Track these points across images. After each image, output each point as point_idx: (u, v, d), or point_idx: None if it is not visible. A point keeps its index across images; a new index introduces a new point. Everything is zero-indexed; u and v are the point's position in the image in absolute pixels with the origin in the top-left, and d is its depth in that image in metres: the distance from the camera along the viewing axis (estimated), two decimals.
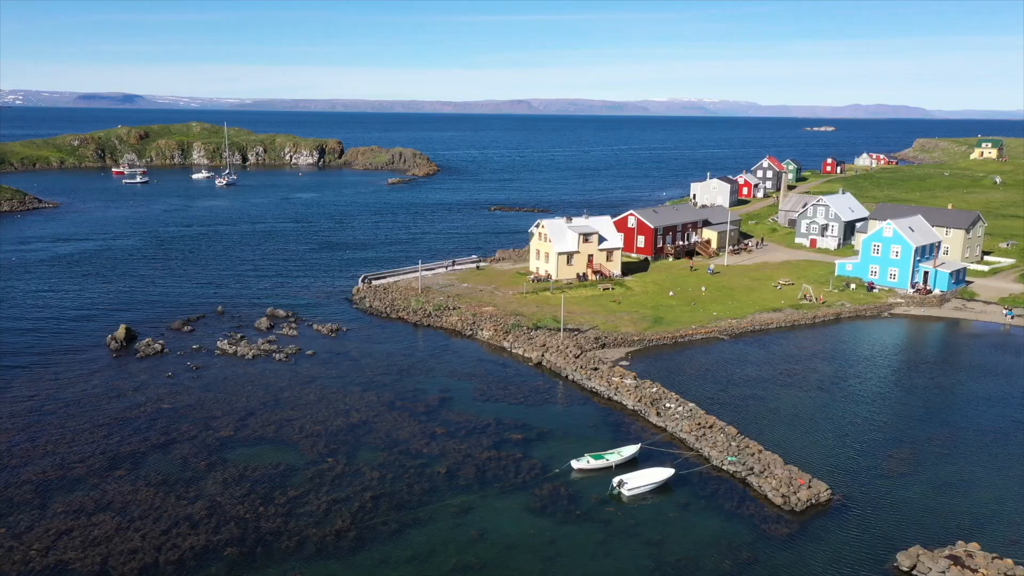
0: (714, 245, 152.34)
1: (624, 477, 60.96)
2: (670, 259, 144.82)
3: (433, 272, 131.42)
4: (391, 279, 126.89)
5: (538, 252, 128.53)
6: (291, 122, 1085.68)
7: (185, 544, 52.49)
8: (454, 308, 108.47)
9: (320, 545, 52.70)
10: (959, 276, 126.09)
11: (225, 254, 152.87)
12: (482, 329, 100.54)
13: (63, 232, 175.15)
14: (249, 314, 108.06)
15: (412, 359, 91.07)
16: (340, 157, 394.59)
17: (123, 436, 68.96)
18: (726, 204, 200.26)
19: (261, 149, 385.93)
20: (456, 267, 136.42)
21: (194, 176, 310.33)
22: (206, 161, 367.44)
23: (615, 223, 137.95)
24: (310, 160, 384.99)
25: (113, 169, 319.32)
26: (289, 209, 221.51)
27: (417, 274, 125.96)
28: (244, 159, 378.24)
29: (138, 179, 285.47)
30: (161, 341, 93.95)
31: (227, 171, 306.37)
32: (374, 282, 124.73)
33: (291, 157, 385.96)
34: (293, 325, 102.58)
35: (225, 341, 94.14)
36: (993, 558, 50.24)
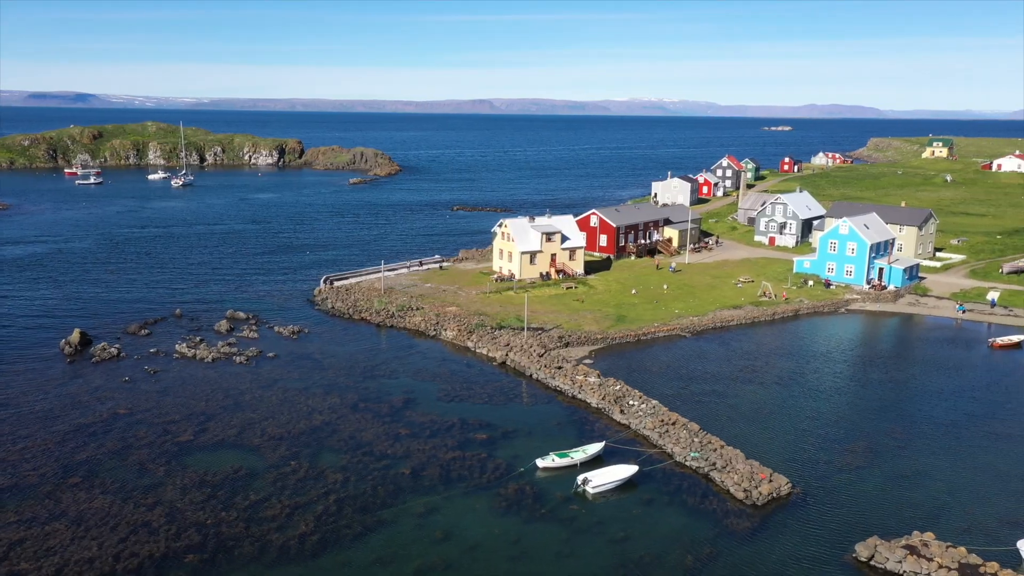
0: (675, 243, 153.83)
1: (588, 475, 61.25)
2: (632, 257, 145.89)
3: (396, 272, 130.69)
4: (353, 280, 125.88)
5: (501, 252, 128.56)
6: (250, 122, 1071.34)
7: (144, 552, 51.45)
8: (417, 308, 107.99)
9: (283, 550, 52.05)
10: (912, 272, 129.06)
11: (182, 256, 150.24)
12: (446, 329, 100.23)
13: (13, 235, 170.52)
14: (208, 317, 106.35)
15: (375, 360, 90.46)
16: (300, 157, 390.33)
17: (78, 443, 67.37)
18: (687, 203, 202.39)
19: (219, 149, 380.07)
20: (417, 267, 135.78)
21: (150, 177, 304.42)
22: (162, 161, 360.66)
23: (578, 222, 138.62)
24: (270, 160, 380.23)
25: (66, 170, 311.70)
26: (248, 210, 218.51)
27: (380, 274, 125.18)
28: (202, 159, 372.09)
29: (92, 180, 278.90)
30: (117, 345, 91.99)
31: (183, 171, 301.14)
32: (336, 283, 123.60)
33: (250, 157, 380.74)
34: (254, 327, 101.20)
35: (184, 344, 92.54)
36: (947, 547, 51.49)
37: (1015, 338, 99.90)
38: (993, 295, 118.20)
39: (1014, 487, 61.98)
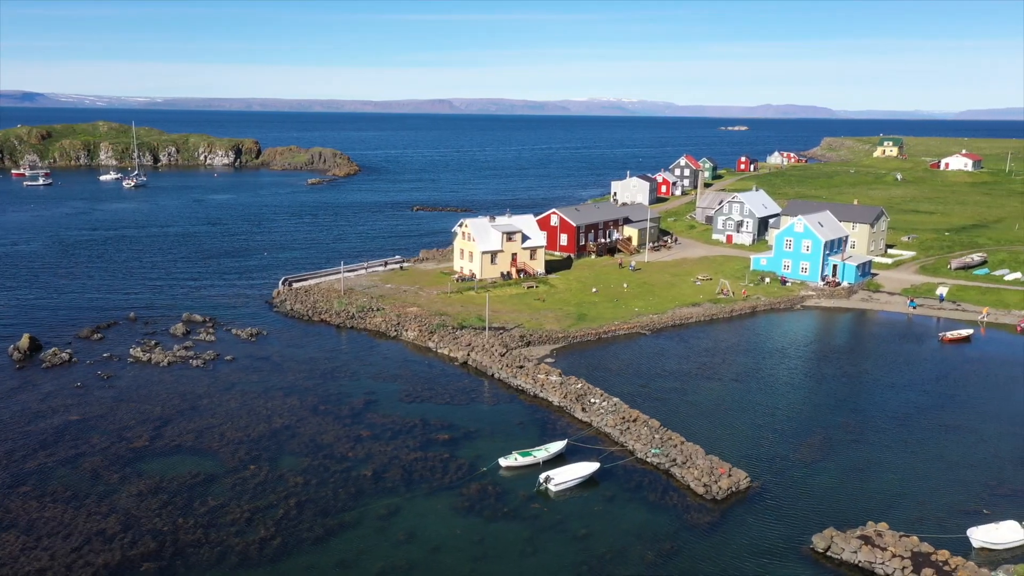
0: (635, 242, 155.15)
1: (551, 473, 61.49)
2: (592, 256, 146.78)
3: (356, 273, 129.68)
4: (313, 281, 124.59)
5: (462, 252, 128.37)
6: (205, 121, 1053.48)
7: (98, 561, 50.31)
8: (378, 309, 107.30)
9: (243, 555, 51.33)
10: (865, 269, 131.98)
11: (136, 259, 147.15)
12: (407, 330, 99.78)
13: None
14: (163, 320, 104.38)
15: (335, 362, 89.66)
16: (257, 157, 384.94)
17: (28, 450, 65.59)
18: (646, 202, 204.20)
19: (173, 149, 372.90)
20: (380, 268, 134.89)
21: (102, 178, 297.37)
22: (114, 162, 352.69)
23: (538, 221, 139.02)
24: (226, 160, 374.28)
25: (13, 171, 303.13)
26: (203, 211, 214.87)
27: (339, 275, 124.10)
28: (156, 160, 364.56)
29: (40, 181, 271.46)
30: (69, 350, 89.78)
31: (136, 172, 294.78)
32: (295, 284, 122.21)
33: (205, 158, 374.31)
34: (211, 330, 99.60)
35: (138, 348, 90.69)
36: (901, 536, 52.79)
37: (964, 332, 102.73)
38: (942, 290, 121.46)
39: (963, 477, 63.77)
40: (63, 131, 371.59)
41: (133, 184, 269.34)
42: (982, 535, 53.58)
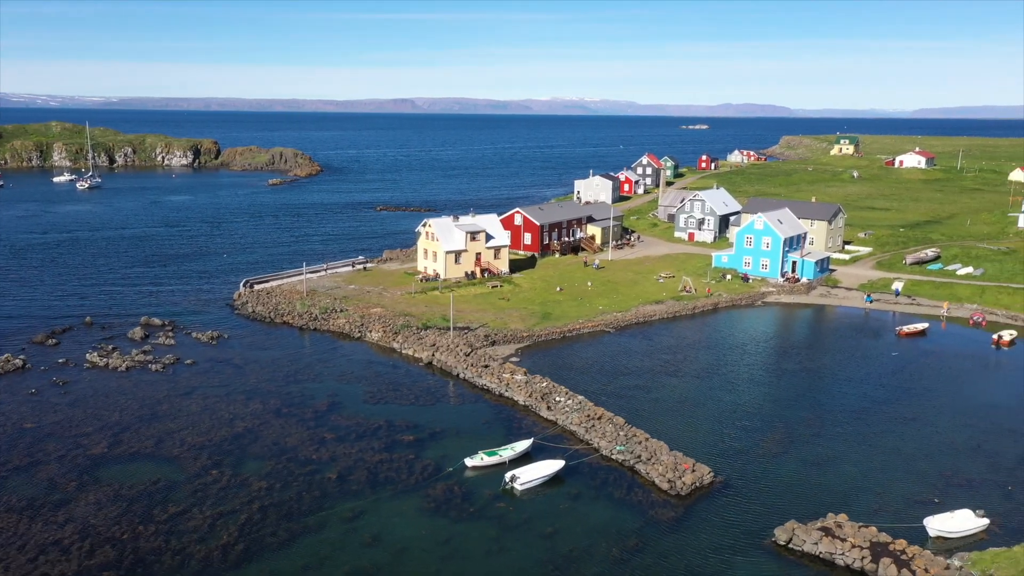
0: (598, 241, 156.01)
1: (516, 472, 61.57)
2: (556, 255, 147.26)
3: (319, 274, 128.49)
4: (274, 283, 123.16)
5: (426, 251, 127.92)
6: (163, 121, 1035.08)
7: (55, 572, 49.17)
8: (341, 310, 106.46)
9: (206, 561, 50.56)
10: (823, 265, 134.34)
11: (91, 262, 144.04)
12: (371, 331, 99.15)
13: None
14: (121, 324, 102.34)
15: (299, 364, 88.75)
16: (217, 158, 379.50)
17: None
18: (609, 200, 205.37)
19: (130, 150, 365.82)
20: (338, 269, 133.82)
21: (55, 179, 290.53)
22: (68, 163, 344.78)
23: (502, 221, 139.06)
24: (184, 161, 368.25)
25: None
26: (161, 212, 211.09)
27: (302, 277, 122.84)
28: (111, 161, 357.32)
29: None
30: (22, 356, 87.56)
31: (90, 173, 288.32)
32: (256, 286, 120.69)
33: (163, 158, 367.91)
34: (170, 334, 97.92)
35: (95, 353, 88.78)
36: (860, 527, 53.87)
37: (919, 326, 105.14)
38: (897, 285, 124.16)
39: (919, 468, 65.27)
40: (14, 132, 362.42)
41: (87, 186, 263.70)
42: (938, 524, 54.89)
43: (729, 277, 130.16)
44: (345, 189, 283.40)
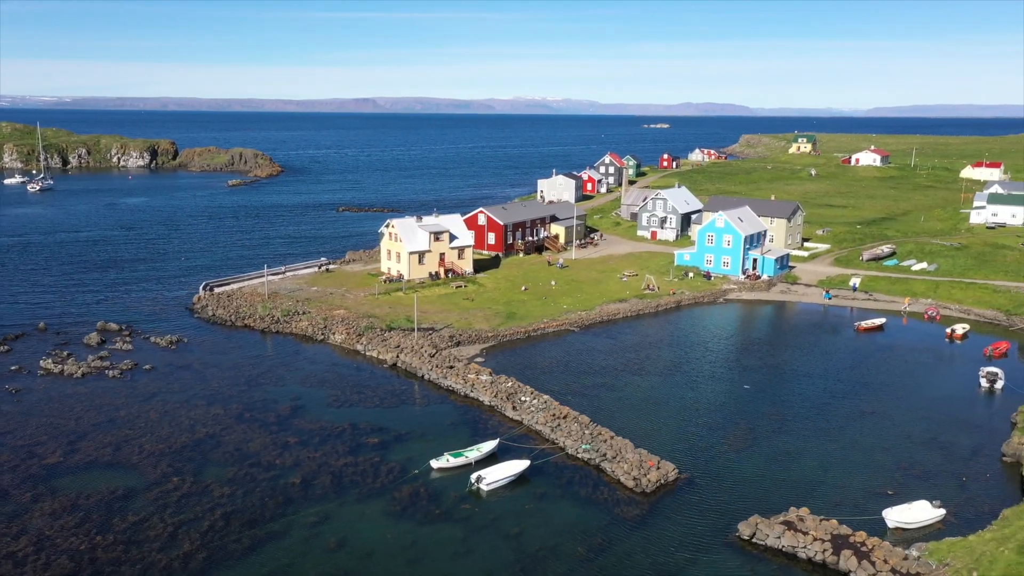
0: (562, 240, 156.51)
1: (482, 472, 61.46)
2: (520, 255, 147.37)
3: (280, 276, 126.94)
4: (235, 285, 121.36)
5: (389, 252, 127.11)
6: (118, 122, 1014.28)
7: None
8: (304, 313, 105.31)
9: (167, 571, 49.61)
10: (783, 262, 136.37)
11: (44, 267, 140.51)
12: (334, 333, 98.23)
13: None
14: (76, 330, 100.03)
15: (261, 368, 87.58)
16: (175, 159, 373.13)
17: None
18: (572, 200, 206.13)
19: (84, 151, 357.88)
20: (300, 271, 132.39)
21: (6, 181, 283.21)
22: (19, 165, 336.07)
23: (465, 221, 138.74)
24: (141, 162, 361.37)
25: None
26: (117, 215, 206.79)
27: (263, 279, 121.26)
28: (65, 162, 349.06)
29: None
30: None
31: (42, 175, 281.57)
32: (217, 289, 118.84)
33: (119, 159, 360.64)
34: (128, 339, 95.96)
35: (49, 360, 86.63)
36: (821, 520, 54.75)
37: (877, 321, 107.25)
38: (855, 281, 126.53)
39: (877, 460, 66.57)
40: None
41: (39, 188, 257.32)
42: (896, 515, 56.03)
43: (691, 275, 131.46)
44: (307, 190, 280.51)
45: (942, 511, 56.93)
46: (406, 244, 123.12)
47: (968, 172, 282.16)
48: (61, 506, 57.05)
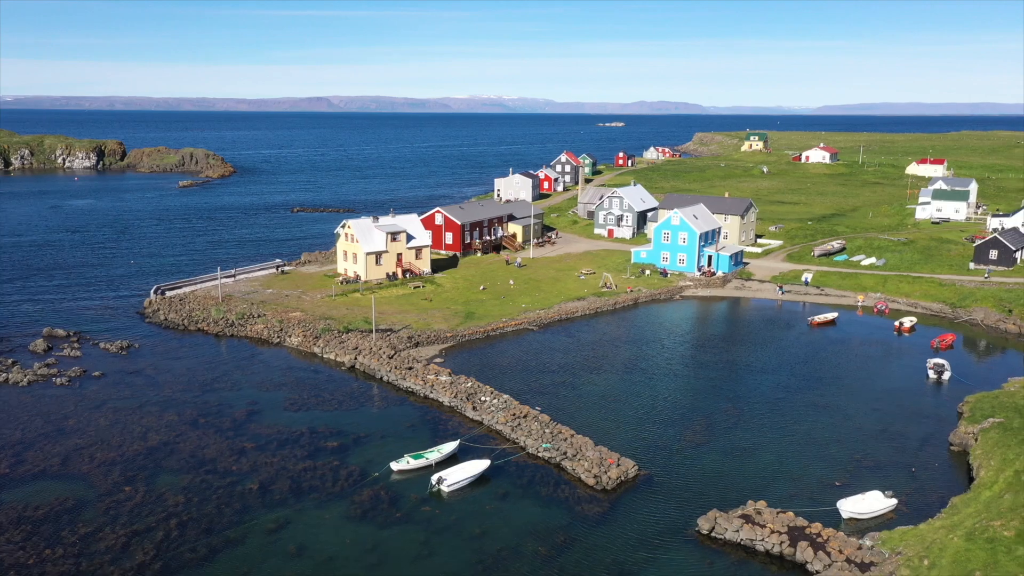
0: (520, 239, 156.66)
1: (443, 474, 61.20)
2: (478, 254, 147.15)
3: (235, 279, 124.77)
4: (188, 289, 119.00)
5: (345, 253, 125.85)
6: (63, 121, 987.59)
7: None
8: (259, 315, 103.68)
9: None
10: (738, 258, 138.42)
11: None
12: (290, 336, 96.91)
13: None
14: (20, 337, 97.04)
15: (215, 372, 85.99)
16: (122, 159, 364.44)
17: None
18: (529, 198, 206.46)
19: (27, 152, 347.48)
20: (255, 273, 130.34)
21: None
22: None
23: (422, 221, 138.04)
24: (87, 163, 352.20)
25: None
26: (62, 218, 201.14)
27: (217, 282, 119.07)
28: (6, 164, 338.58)
29: None
30: None
31: None
32: (168, 293, 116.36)
33: (64, 160, 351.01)
34: (76, 345, 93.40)
35: None
36: (778, 512, 55.68)
37: (830, 315, 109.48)
38: (807, 276, 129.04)
39: (831, 453, 67.95)
40: None
41: None
42: (850, 506, 57.25)
43: (648, 272, 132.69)
44: (260, 191, 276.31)
45: (894, 501, 58.33)
46: (363, 245, 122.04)
47: (913, 168, 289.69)
48: (7, 519, 55.26)
